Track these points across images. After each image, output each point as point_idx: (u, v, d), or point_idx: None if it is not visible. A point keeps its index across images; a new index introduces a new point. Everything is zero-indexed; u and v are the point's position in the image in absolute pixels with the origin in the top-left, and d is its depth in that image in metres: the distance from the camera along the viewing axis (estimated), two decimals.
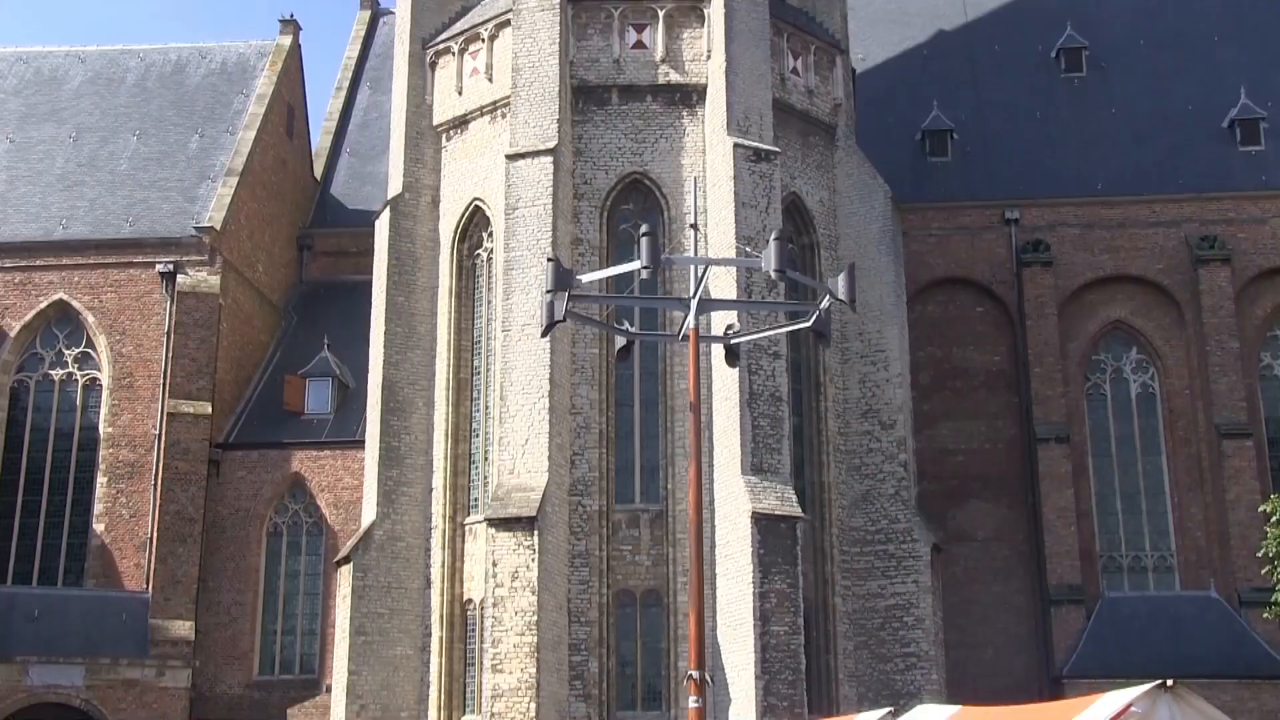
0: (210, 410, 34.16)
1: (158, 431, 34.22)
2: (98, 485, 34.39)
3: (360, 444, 32.21)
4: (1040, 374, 35.24)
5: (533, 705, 25.63)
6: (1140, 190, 36.98)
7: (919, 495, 32.22)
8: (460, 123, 31.61)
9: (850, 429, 30.97)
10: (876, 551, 30.27)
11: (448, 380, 30.36)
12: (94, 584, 33.71)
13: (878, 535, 30.35)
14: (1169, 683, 10.66)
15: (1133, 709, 10.38)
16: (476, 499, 29.63)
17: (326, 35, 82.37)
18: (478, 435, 30.04)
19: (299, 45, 41.80)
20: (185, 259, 35.50)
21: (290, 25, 41.83)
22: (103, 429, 34.82)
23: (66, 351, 35.82)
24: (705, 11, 30.00)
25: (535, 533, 26.38)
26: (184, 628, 32.58)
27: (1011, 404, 35.87)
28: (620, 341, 16.11)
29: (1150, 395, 36.02)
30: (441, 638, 29.08)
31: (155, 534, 33.34)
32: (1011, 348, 36.19)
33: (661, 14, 30.22)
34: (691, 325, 15.06)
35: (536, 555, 26.30)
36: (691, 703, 13.99)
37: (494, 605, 26.38)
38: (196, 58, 41.52)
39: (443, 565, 29.44)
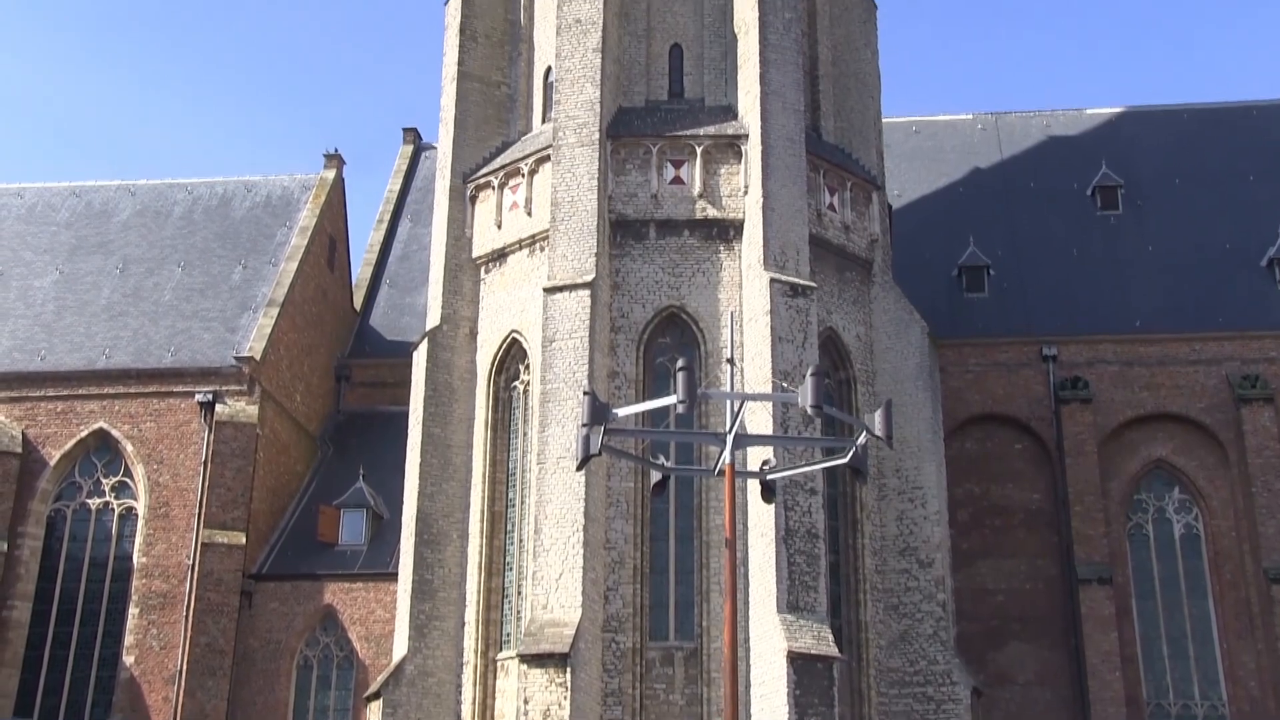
0: (244, 541, 34.09)
1: (191, 562, 34.12)
2: (129, 616, 34.21)
3: (393, 576, 32.02)
4: (1081, 513, 34.77)
5: None
6: (1179, 327, 36.81)
7: (958, 636, 31.66)
8: (499, 256, 31.89)
9: (888, 567, 30.57)
10: (915, 694, 29.66)
11: (482, 513, 30.23)
12: (121, 718, 33.37)
13: (916, 677, 29.77)
14: None
15: None
16: (509, 634, 29.30)
17: (370, 168, 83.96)
18: (511, 569, 29.81)
19: (342, 179, 42.48)
20: (224, 388, 35.72)
21: (334, 160, 42.55)
22: (136, 559, 34.75)
23: (104, 480, 35.92)
24: (743, 148, 30.32)
25: (568, 670, 26.00)
26: None
27: (1052, 543, 35.34)
28: (656, 476, 16.00)
29: (1194, 536, 35.43)
30: None
31: (185, 666, 33.04)
32: (1051, 485, 35.77)
33: (699, 150, 30.57)
34: (727, 460, 14.96)
35: (569, 693, 25.90)
36: None
37: None
38: (242, 191, 42.22)
39: (474, 702, 29.01)
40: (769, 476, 15.79)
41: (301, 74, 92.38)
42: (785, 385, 26.59)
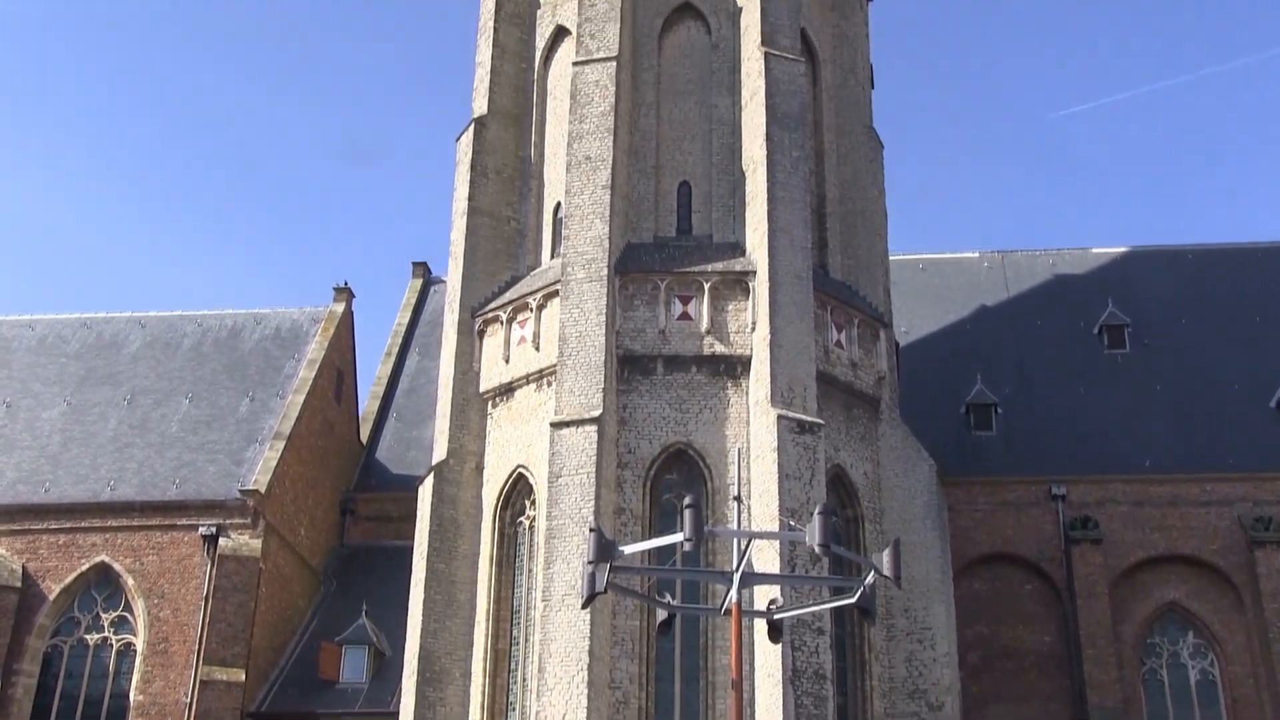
0: (244, 677, 33.57)
1: (189, 700, 33.56)
2: None
3: (395, 715, 31.42)
4: (1093, 656, 34.21)
5: None
6: (1190, 468, 36.59)
7: None
8: (506, 390, 31.87)
9: (897, 710, 29.98)
10: None
11: (485, 650, 29.79)
12: None
13: None
14: None
15: None
16: None
17: (379, 301, 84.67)
18: (514, 709, 29.28)
19: (351, 312, 42.69)
20: (228, 522, 35.48)
21: (344, 293, 42.81)
22: (134, 697, 34.19)
23: (104, 615, 35.52)
24: (750, 285, 30.45)
25: None
26: None
27: (1064, 686, 34.72)
28: (662, 614, 15.77)
29: (1210, 682, 34.81)
30: None
31: None
32: (1062, 627, 35.24)
33: (707, 286, 30.69)
34: (734, 599, 14.74)
35: None
36: None
37: None
38: (251, 323, 42.41)
39: None
40: (776, 616, 15.56)
41: (312, 208, 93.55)
42: (792, 523, 26.33)
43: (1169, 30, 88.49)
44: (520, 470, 30.84)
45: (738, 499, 18.17)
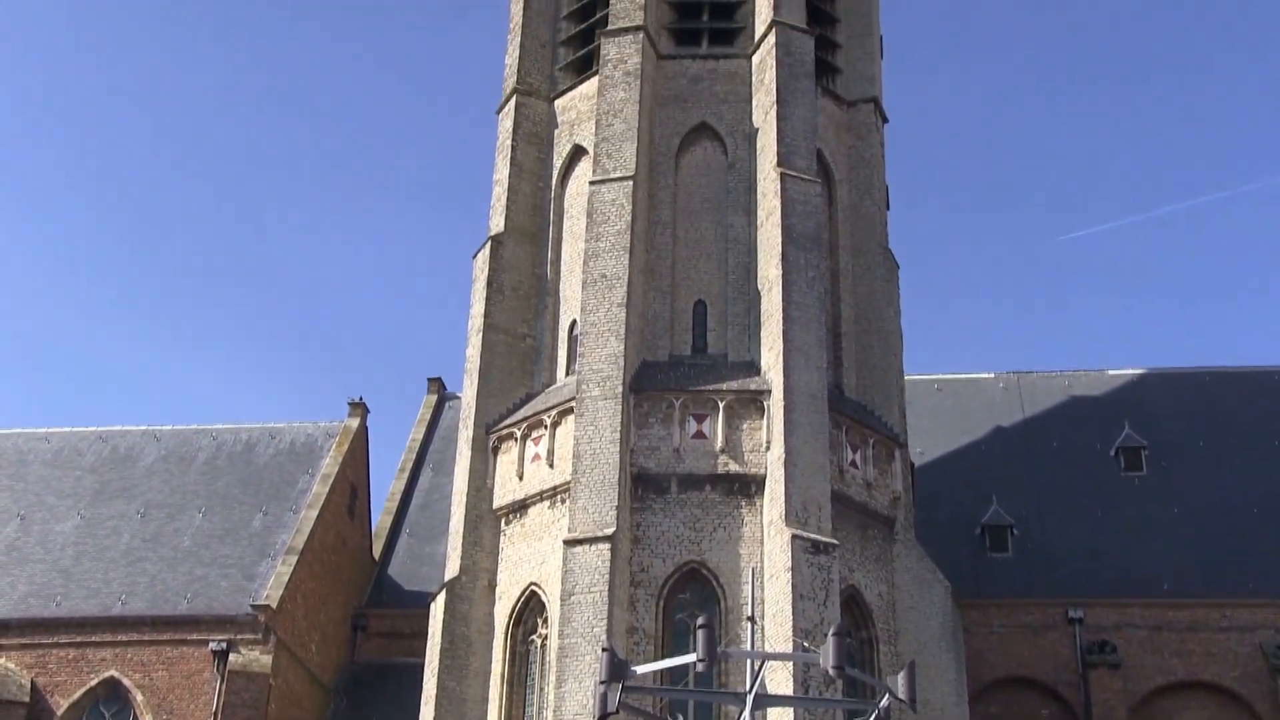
0: None
1: None
2: None
3: None
4: None
5: None
6: (1209, 593, 36.19)
7: None
8: (520, 507, 31.79)
9: None
10: None
11: None
12: None
13: None
14: None
15: None
16: None
17: (394, 416, 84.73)
18: None
19: (366, 427, 42.78)
20: (239, 637, 35.24)
21: (359, 408, 42.93)
22: None
23: None
24: (765, 404, 30.46)
25: None
26: None
27: None
28: None
29: None
30: None
31: None
32: None
33: (722, 405, 30.71)
34: None
35: None
36: None
37: None
38: (266, 437, 42.50)
39: None
40: None
41: (329, 322, 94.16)
42: (806, 644, 26.06)
43: (1187, 153, 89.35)
44: (533, 588, 30.65)
45: (751, 619, 18.02)
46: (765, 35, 34.23)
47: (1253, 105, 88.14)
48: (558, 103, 36.51)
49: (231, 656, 34.85)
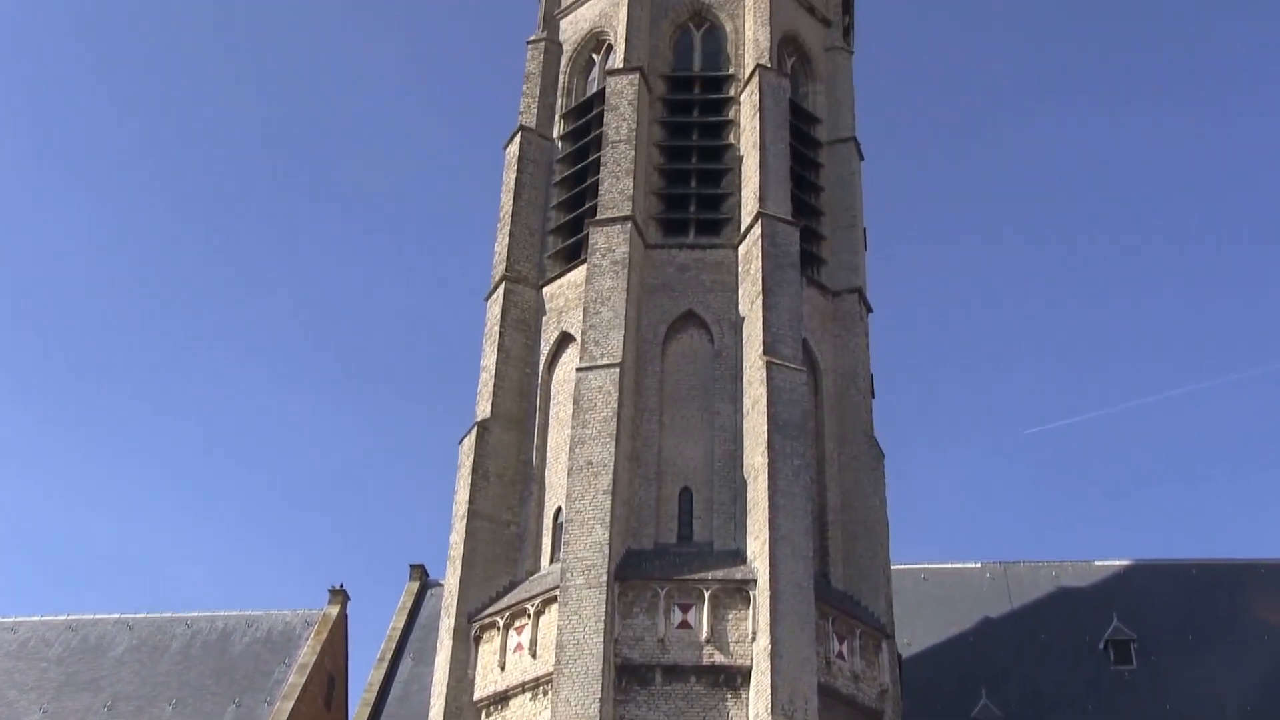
0: None
1: None
2: None
3: None
4: None
5: None
6: None
7: None
8: (501, 699, 31.10)
9: None
10: None
11: None
12: None
13: None
14: None
15: None
16: None
17: (374, 603, 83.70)
18: None
19: (345, 615, 42.07)
20: None
21: (339, 595, 42.30)
22: None
23: None
24: (751, 594, 30.08)
25: None
26: None
27: None
28: None
29: None
30: None
31: None
32: None
33: (707, 595, 30.31)
34: None
35: None
36: None
37: None
38: (243, 625, 41.73)
39: None
40: None
41: (311, 507, 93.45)
42: None
43: (1180, 342, 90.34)
44: None
45: None
46: (751, 226, 34.75)
47: (1227, 301, 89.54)
48: (546, 290, 36.83)
49: None
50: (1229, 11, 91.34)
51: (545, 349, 35.92)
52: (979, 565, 44.49)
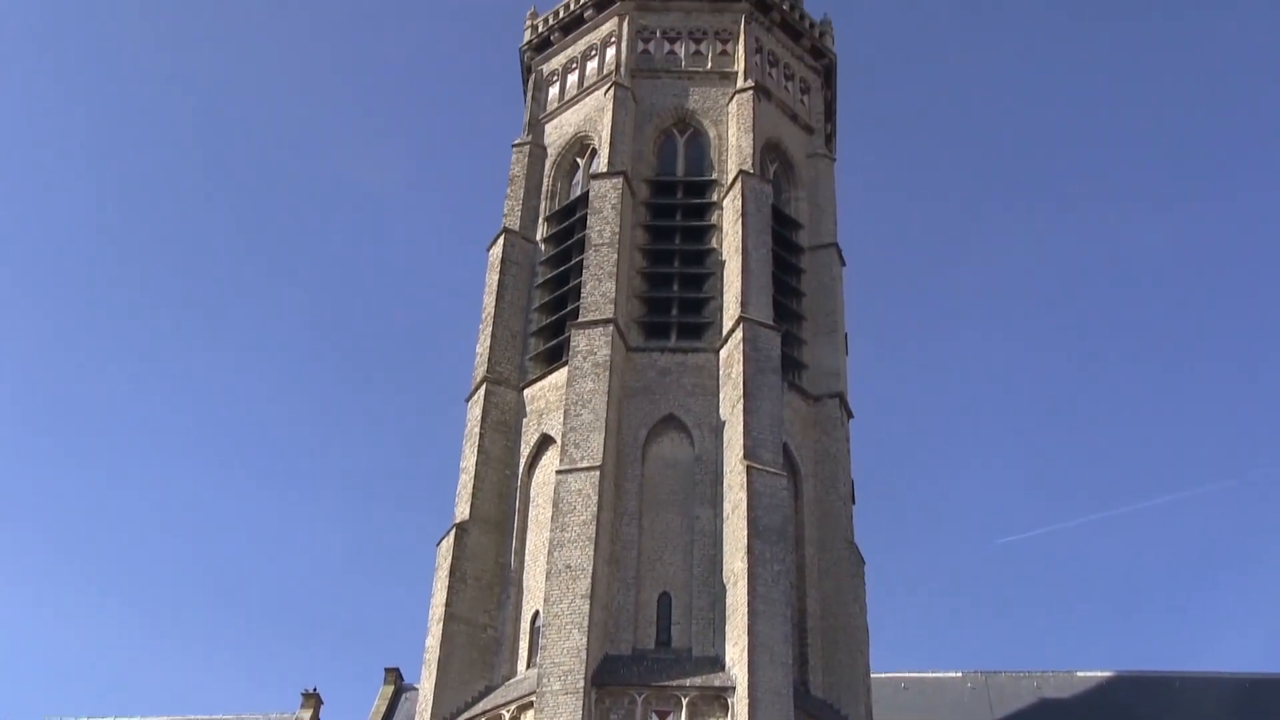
0: None
1: None
2: None
3: None
4: None
5: None
6: None
7: None
8: None
9: None
10: None
11: None
12: None
13: None
14: None
15: None
16: None
17: (348, 706, 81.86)
18: None
19: (319, 719, 41.42)
20: None
21: (312, 699, 41.71)
22: None
23: None
24: (729, 701, 29.74)
25: None
26: None
27: None
28: None
29: None
30: None
31: None
32: None
33: (685, 701, 29.99)
34: None
35: None
36: None
37: None
38: None
39: None
40: None
41: (285, 610, 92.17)
42: None
43: (1159, 451, 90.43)
44: None
45: None
46: (733, 330, 34.85)
47: (1204, 411, 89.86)
48: (527, 392, 36.81)
49: None
50: (1221, 107, 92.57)
51: (525, 451, 35.81)
52: (960, 675, 44.07)
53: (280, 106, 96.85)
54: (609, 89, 40.05)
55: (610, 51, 41.75)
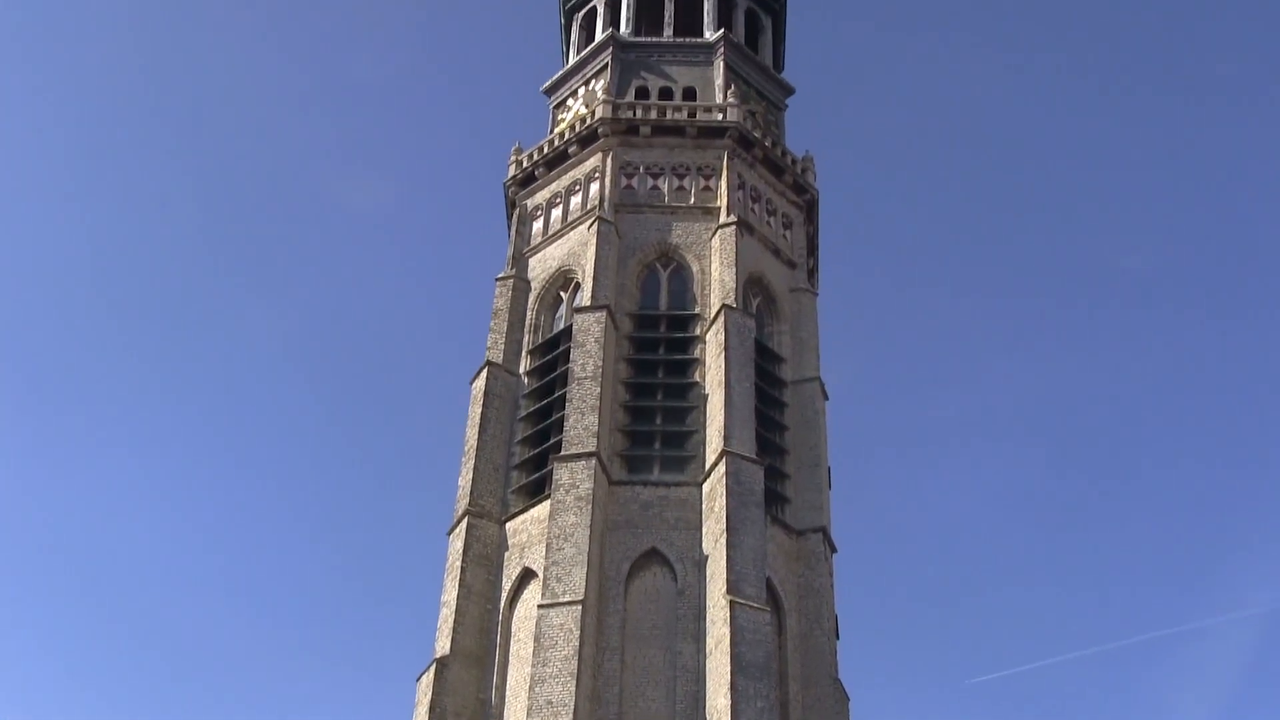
0: None
1: None
2: None
3: None
4: None
5: None
6: None
7: None
8: None
9: None
10: None
11: None
12: None
13: None
14: None
15: None
16: None
17: None
18: None
19: None
20: None
21: None
22: None
23: None
24: None
25: None
26: None
27: None
28: None
29: None
30: None
31: None
32: None
33: None
34: None
35: None
36: None
37: None
38: None
39: None
40: None
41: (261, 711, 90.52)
42: None
43: (1143, 588, 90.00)
44: None
45: None
46: (716, 464, 34.84)
47: (1184, 547, 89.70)
48: (509, 525, 36.65)
49: None
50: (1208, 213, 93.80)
51: (507, 585, 35.54)
52: None
53: (242, 250, 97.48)
54: (592, 224, 40.52)
55: (594, 186, 42.30)
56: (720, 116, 43.31)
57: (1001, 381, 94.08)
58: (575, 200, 42.69)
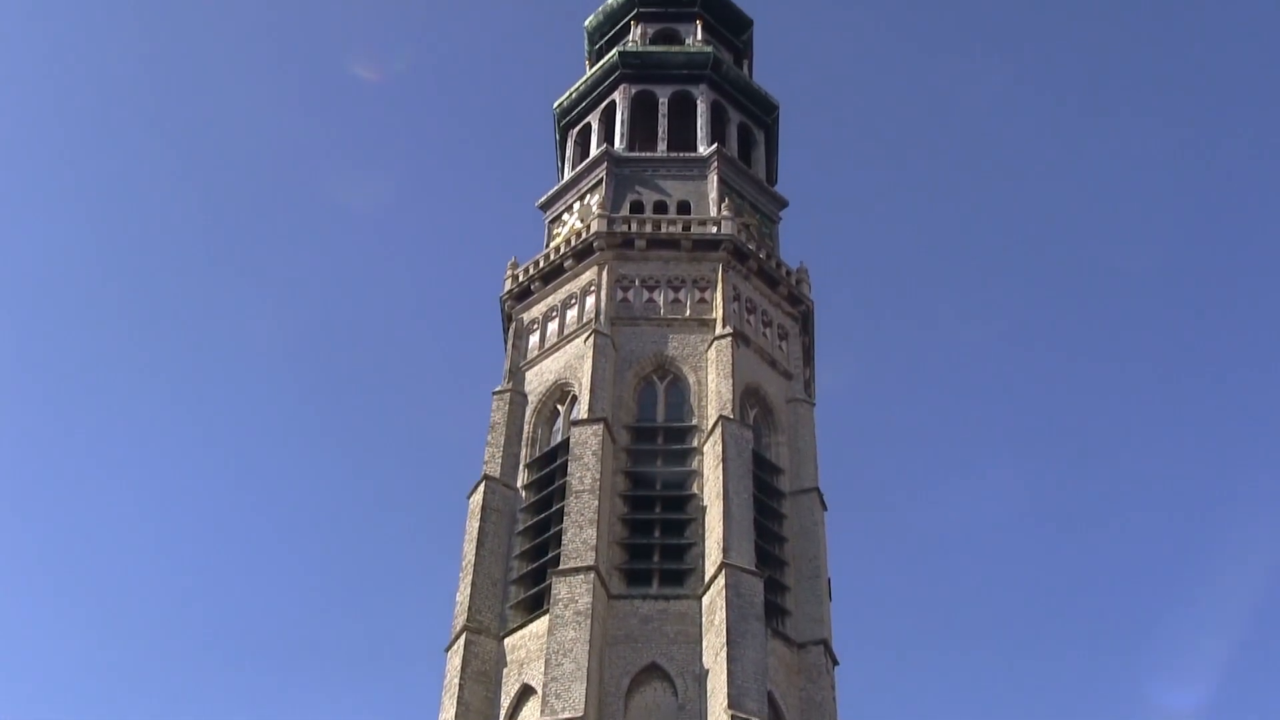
0: None
1: None
2: None
3: None
4: None
5: None
6: None
7: None
8: None
9: None
10: None
11: None
12: None
13: None
14: None
15: None
16: None
17: None
18: None
19: None
20: None
21: None
22: None
23: None
24: None
25: None
26: None
27: None
28: None
29: None
30: None
31: None
32: None
33: None
34: None
35: None
36: None
37: None
38: None
39: None
40: None
41: None
42: None
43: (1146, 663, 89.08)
44: None
45: None
46: (715, 577, 34.58)
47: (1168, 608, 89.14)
48: (507, 641, 36.27)
49: None
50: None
51: (506, 702, 35.07)
52: None
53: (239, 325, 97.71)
54: (589, 336, 40.63)
55: (590, 300, 42.46)
56: (715, 229, 43.68)
57: (1008, 481, 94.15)
58: (571, 314, 42.84)
